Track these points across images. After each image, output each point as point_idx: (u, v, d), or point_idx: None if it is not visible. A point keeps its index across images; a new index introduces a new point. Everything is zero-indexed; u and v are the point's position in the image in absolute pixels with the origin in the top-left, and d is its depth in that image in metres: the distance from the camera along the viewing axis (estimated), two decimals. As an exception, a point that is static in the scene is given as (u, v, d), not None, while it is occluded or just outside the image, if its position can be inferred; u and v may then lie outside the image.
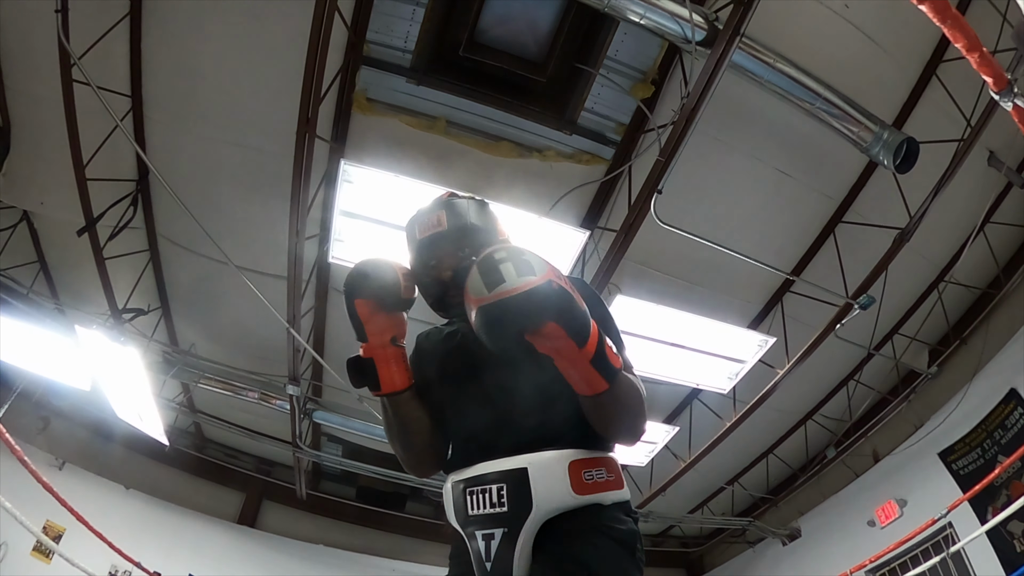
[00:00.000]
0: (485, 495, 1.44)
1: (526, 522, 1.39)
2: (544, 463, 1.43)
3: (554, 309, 1.19)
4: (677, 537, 11.55)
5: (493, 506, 1.43)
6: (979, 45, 2.30)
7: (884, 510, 7.80)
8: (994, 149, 5.94)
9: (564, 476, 1.42)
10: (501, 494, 1.42)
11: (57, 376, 7.05)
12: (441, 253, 1.65)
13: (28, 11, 5.05)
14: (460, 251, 1.64)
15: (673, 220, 4.99)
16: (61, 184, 5.70)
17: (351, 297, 1.54)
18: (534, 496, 1.40)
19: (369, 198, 4.95)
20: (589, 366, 1.28)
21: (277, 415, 7.60)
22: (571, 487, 1.42)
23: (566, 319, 1.21)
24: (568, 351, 1.25)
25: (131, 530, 7.60)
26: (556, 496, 1.41)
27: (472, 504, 1.46)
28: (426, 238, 1.67)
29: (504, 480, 1.43)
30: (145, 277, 6.84)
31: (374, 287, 1.53)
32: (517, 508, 1.40)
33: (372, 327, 1.55)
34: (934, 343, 7.66)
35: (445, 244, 1.65)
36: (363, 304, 1.53)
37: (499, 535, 1.40)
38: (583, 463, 1.46)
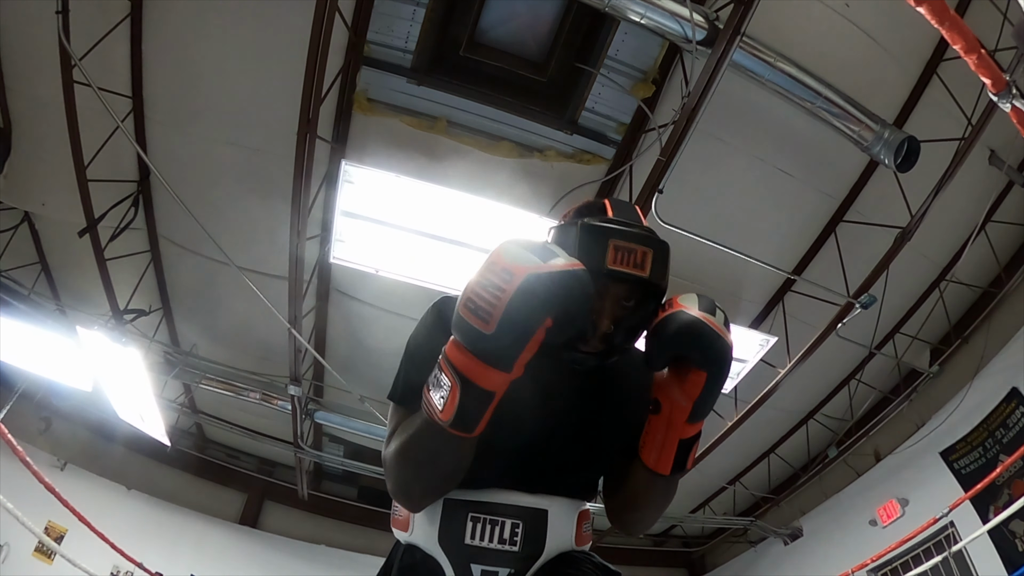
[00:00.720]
0: (495, 528, 1.30)
1: (534, 566, 1.30)
2: (562, 509, 1.37)
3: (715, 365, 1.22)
4: (679, 537, 11.55)
5: (503, 542, 1.29)
6: (978, 46, 2.30)
7: (886, 509, 7.79)
8: (995, 148, 5.93)
9: (572, 525, 1.38)
10: (516, 531, 1.30)
11: (59, 377, 7.06)
12: (619, 295, 1.27)
13: (29, 12, 5.05)
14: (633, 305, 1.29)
15: (674, 220, 4.98)
16: (62, 185, 5.70)
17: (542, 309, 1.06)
18: (548, 541, 1.32)
19: (370, 198, 4.95)
20: (676, 444, 1.27)
21: (278, 415, 7.60)
22: (574, 537, 1.38)
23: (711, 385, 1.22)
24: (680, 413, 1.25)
25: (133, 531, 7.62)
26: (562, 544, 1.35)
27: (474, 532, 1.29)
28: (618, 272, 1.23)
29: (522, 518, 1.31)
30: (146, 278, 6.85)
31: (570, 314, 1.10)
32: (529, 550, 1.30)
33: (526, 358, 1.11)
34: (935, 342, 7.65)
35: (629, 291, 1.28)
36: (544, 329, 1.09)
37: (504, 575, 1.28)
38: (585, 514, 1.44)
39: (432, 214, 4.97)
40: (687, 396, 1.23)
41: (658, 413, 1.28)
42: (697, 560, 11.64)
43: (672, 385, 1.25)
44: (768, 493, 9.54)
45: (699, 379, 1.22)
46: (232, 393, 7.37)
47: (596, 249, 1.23)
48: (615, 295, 1.27)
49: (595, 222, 1.27)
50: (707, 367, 1.21)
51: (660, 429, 1.28)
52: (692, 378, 1.22)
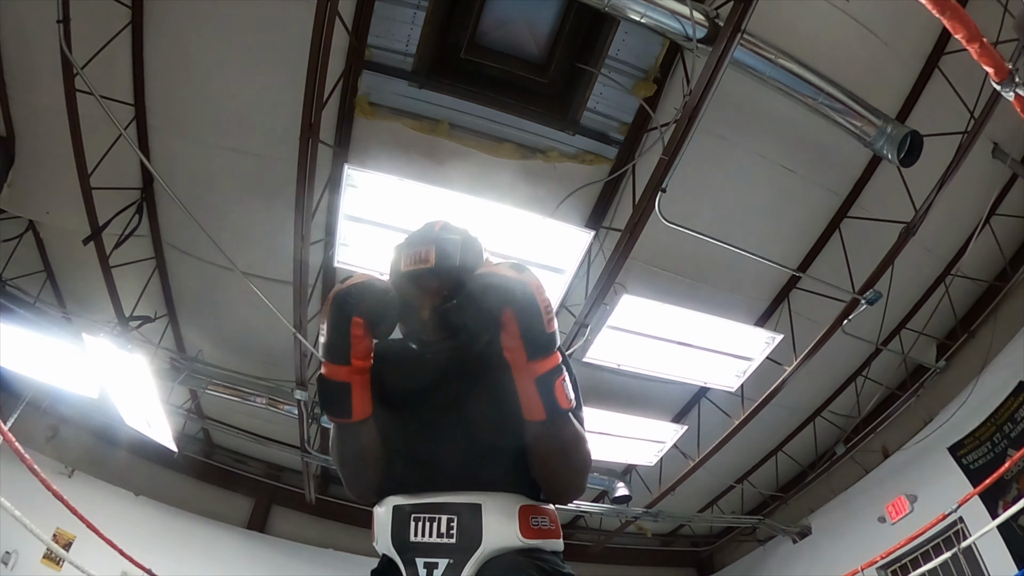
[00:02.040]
0: (433, 524, 1.44)
1: (473, 556, 1.40)
2: (497, 502, 1.46)
3: (517, 301, 1.33)
4: (687, 536, 11.53)
5: (441, 536, 1.43)
6: (979, 35, 2.29)
7: (894, 506, 7.77)
8: (998, 141, 5.92)
9: (514, 518, 1.46)
10: (451, 525, 1.43)
11: (65, 384, 7.08)
12: (423, 290, 1.53)
13: (30, 22, 5.08)
14: (442, 291, 1.52)
15: (678, 218, 4.98)
16: (66, 193, 5.72)
17: (349, 311, 1.40)
18: (484, 532, 1.42)
19: (373, 202, 4.96)
20: (533, 385, 1.37)
21: (285, 420, 7.61)
22: (519, 530, 1.45)
23: (524, 315, 1.33)
24: (517, 354, 1.37)
25: (141, 536, 7.62)
26: (504, 536, 1.43)
27: (417, 530, 1.45)
28: (411, 271, 1.53)
29: (456, 512, 1.44)
30: (151, 284, 6.86)
31: (376, 309, 1.42)
32: (465, 541, 1.41)
33: (359, 350, 1.42)
34: (942, 337, 7.63)
35: (428, 282, 1.53)
36: (359, 324, 1.41)
37: (443, 565, 1.40)
38: (531, 509, 1.50)
39: (435, 217, 4.95)
40: (512, 336, 1.35)
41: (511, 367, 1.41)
42: (706, 559, 11.64)
43: (503, 339, 1.37)
44: (776, 491, 9.53)
45: (508, 317, 1.34)
46: (238, 398, 7.37)
47: (395, 262, 1.60)
48: (426, 290, 1.52)
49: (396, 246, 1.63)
50: (506, 302, 1.33)
51: (518, 380, 1.40)
52: (504, 319, 1.34)
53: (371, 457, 1.55)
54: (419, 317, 1.53)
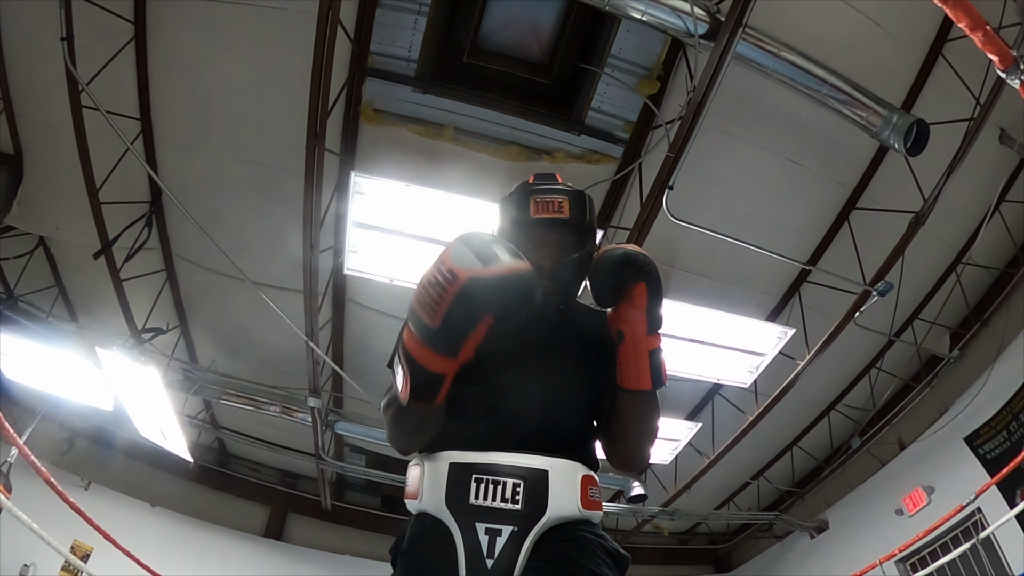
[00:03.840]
0: (497, 487, 1.36)
1: (537, 524, 1.35)
2: (564, 470, 1.42)
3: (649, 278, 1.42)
4: (704, 534, 11.49)
5: (505, 501, 1.35)
6: (983, 23, 2.28)
7: (912, 498, 7.72)
8: (1005, 126, 5.88)
9: (576, 488, 1.42)
10: (517, 491, 1.36)
11: (80, 398, 7.12)
12: (552, 240, 1.53)
13: (34, 40, 5.12)
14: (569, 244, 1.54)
15: (686, 215, 4.97)
16: (75, 209, 5.76)
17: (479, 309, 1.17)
18: (550, 501, 1.37)
19: (381, 208, 4.97)
20: (647, 356, 1.45)
21: (299, 428, 7.62)
22: (580, 500, 1.42)
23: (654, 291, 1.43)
24: (639, 327, 1.44)
25: (158, 547, 7.64)
26: (567, 505, 1.39)
27: (478, 493, 1.36)
28: (543, 219, 1.52)
29: (524, 477, 1.37)
30: (163, 297, 6.89)
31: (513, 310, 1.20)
32: (530, 509, 1.36)
33: (470, 346, 1.22)
34: (955, 326, 7.59)
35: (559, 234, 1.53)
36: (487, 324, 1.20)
37: (507, 532, 1.33)
38: (590, 479, 1.48)
39: (443, 221, 4.98)
40: (638, 309, 1.43)
41: (623, 340, 1.47)
42: (723, 557, 11.58)
43: (624, 309, 1.45)
44: (792, 487, 9.49)
45: (641, 290, 1.42)
46: (252, 407, 7.40)
47: (521, 207, 1.55)
48: (551, 240, 1.53)
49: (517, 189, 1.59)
50: (643, 277, 1.42)
51: (630, 351, 1.46)
52: (636, 292, 1.42)
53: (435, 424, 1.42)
54: (539, 265, 1.44)
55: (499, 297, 1.16)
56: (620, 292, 1.44)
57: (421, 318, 1.18)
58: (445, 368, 1.24)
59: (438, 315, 1.16)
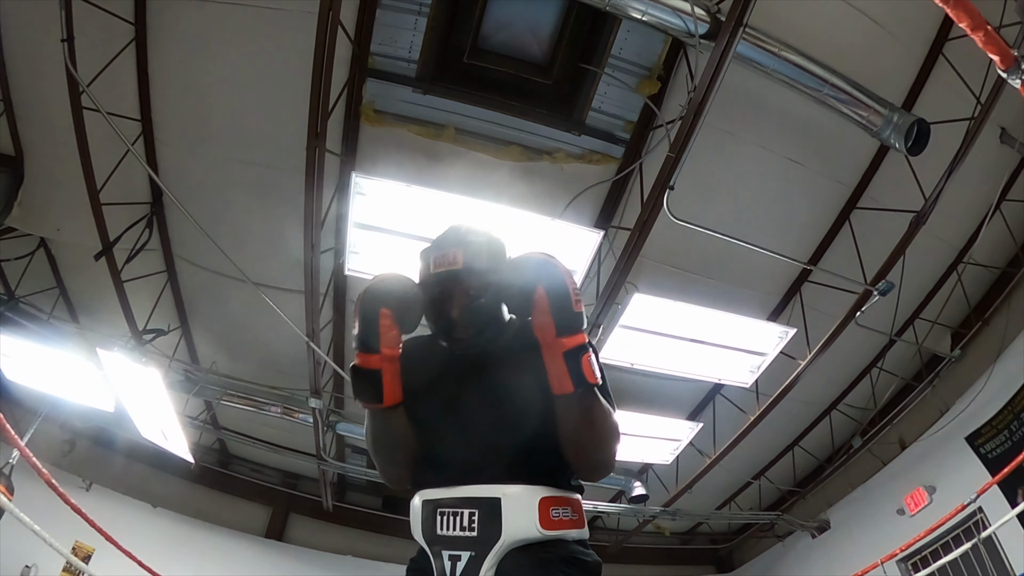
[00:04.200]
0: (456, 518, 1.51)
1: (493, 548, 1.46)
2: (517, 495, 1.51)
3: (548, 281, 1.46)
4: (705, 534, 11.49)
5: (463, 529, 1.50)
6: (984, 23, 2.28)
7: (913, 498, 7.72)
8: (1005, 126, 5.88)
9: (533, 511, 1.50)
10: (472, 519, 1.50)
11: (81, 399, 7.12)
12: (452, 290, 1.62)
13: (35, 41, 5.13)
14: (470, 290, 1.61)
15: (686, 215, 4.97)
16: (76, 210, 5.76)
17: (377, 304, 1.55)
18: (504, 526, 1.47)
19: (382, 209, 4.97)
20: (561, 358, 1.45)
21: (300, 428, 7.63)
22: (539, 522, 1.49)
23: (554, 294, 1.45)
24: (547, 330, 1.46)
25: (160, 548, 7.64)
26: (524, 528, 1.48)
27: (441, 524, 1.53)
28: (441, 272, 1.62)
29: (477, 507, 1.50)
30: (164, 297, 6.89)
31: (401, 301, 1.57)
32: (486, 534, 1.47)
33: (387, 339, 1.55)
34: (956, 326, 7.59)
35: (457, 283, 1.61)
36: (387, 315, 1.55)
37: (466, 557, 1.47)
38: (552, 500, 1.53)
39: (445, 222, 4.95)
40: (543, 313, 1.46)
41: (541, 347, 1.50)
42: (725, 557, 11.59)
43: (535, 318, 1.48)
44: (794, 486, 9.49)
45: (540, 294, 1.46)
46: (253, 408, 7.40)
47: (423, 265, 1.67)
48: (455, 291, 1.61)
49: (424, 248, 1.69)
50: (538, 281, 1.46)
51: (547, 357, 1.48)
52: (536, 297, 1.46)
53: (402, 441, 1.65)
54: (449, 316, 1.61)
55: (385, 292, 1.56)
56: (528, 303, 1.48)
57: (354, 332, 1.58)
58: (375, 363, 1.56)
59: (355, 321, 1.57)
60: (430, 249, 1.68)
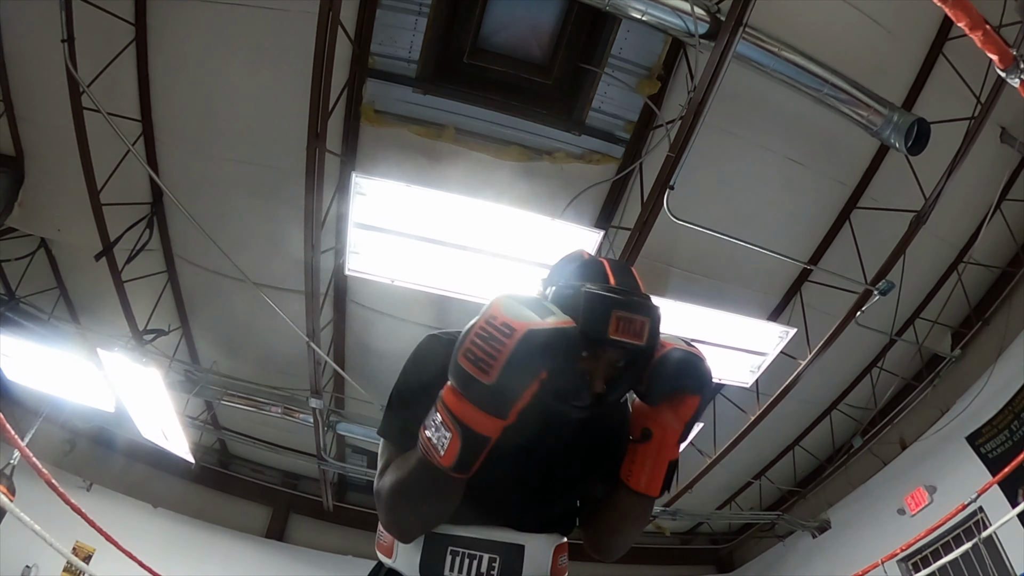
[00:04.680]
0: (473, 561, 1.37)
1: None
2: (538, 544, 1.43)
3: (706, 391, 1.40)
4: (706, 534, 11.48)
5: (480, 575, 1.37)
6: (982, 22, 2.27)
7: (913, 497, 7.71)
8: (1006, 125, 5.88)
9: (548, 559, 1.44)
10: (492, 566, 1.37)
11: (81, 399, 7.14)
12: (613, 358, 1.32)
13: (35, 42, 5.13)
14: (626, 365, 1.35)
15: (687, 215, 4.97)
16: (77, 210, 5.76)
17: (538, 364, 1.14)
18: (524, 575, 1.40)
19: (382, 209, 4.96)
20: (666, 465, 1.40)
21: (301, 429, 7.63)
22: (549, 570, 1.44)
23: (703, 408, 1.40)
24: (672, 435, 1.39)
25: (160, 548, 7.66)
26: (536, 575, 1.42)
27: (453, 565, 1.37)
28: (621, 342, 1.27)
29: (499, 552, 1.39)
30: (164, 298, 6.89)
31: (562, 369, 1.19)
32: None
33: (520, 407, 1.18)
34: (956, 325, 7.58)
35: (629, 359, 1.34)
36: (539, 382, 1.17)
37: None
38: (561, 548, 1.50)
39: (445, 221, 4.97)
40: (680, 419, 1.39)
41: (649, 440, 1.40)
42: (725, 557, 11.57)
43: (664, 412, 1.39)
44: (794, 486, 9.49)
45: (693, 403, 1.39)
46: (254, 408, 7.41)
47: (600, 318, 1.26)
48: (610, 358, 1.32)
49: (598, 291, 1.29)
50: (700, 391, 1.39)
51: (651, 454, 1.40)
52: (687, 403, 1.38)
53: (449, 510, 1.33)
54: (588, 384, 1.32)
55: (556, 351, 1.14)
56: (668, 396, 1.37)
57: (472, 375, 1.13)
58: (494, 430, 1.17)
59: (494, 371, 1.12)
60: (611, 300, 1.28)
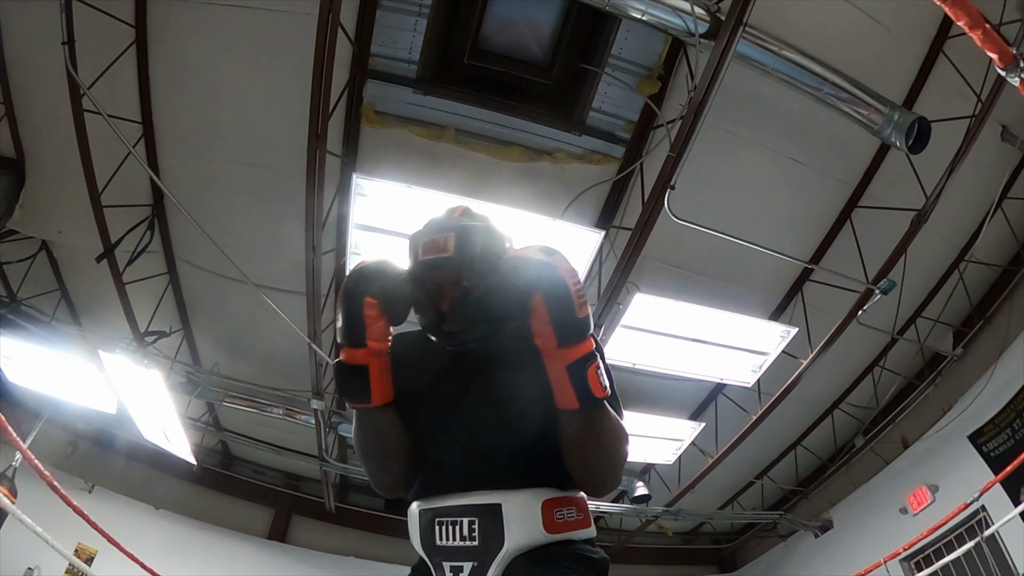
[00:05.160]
0: (455, 527, 1.43)
1: (496, 557, 1.39)
2: (518, 501, 1.43)
3: (548, 285, 1.30)
4: (708, 534, 11.49)
5: (463, 539, 1.42)
6: (982, 21, 2.28)
7: (916, 497, 7.71)
8: (1006, 123, 5.87)
9: (537, 514, 1.42)
10: (472, 527, 1.42)
11: (83, 401, 7.14)
12: (442, 280, 1.43)
13: (36, 44, 5.13)
14: (462, 281, 1.42)
15: (688, 215, 4.96)
16: (78, 212, 5.77)
17: (359, 294, 1.40)
18: (506, 533, 1.40)
19: (383, 210, 4.96)
20: (564, 372, 1.32)
21: (303, 430, 7.63)
22: (543, 526, 1.42)
23: (554, 300, 1.29)
24: (548, 340, 1.31)
25: (162, 550, 7.65)
26: (528, 533, 1.40)
27: (440, 535, 1.45)
28: (429, 260, 1.43)
29: (476, 514, 1.42)
30: (165, 299, 6.90)
31: (387, 290, 1.42)
32: (488, 543, 1.40)
33: (374, 332, 1.41)
34: (958, 324, 7.58)
35: (448, 272, 1.43)
36: (371, 305, 1.40)
37: (468, 568, 1.40)
38: (555, 502, 1.46)
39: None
40: (541, 322, 1.31)
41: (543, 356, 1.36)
42: (728, 556, 11.58)
43: (533, 325, 1.33)
44: (796, 486, 9.48)
45: (538, 301, 1.30)
46: (255, 410, 7.40)
47: (411, 251, 1.48)
48: (445, 280, 1.43)
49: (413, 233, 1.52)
50: (535, 286, 1.30)
51: (551, 369, 1.34)
52: (534, 304, 1.30)
53: (395, 446, 1.52)
54: (438, 308, 1.44)
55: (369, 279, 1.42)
56: (526, 308, 1.33)
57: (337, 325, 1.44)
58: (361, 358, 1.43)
59: (339, 313, 1.43)
60: (420, 233, 1.49)
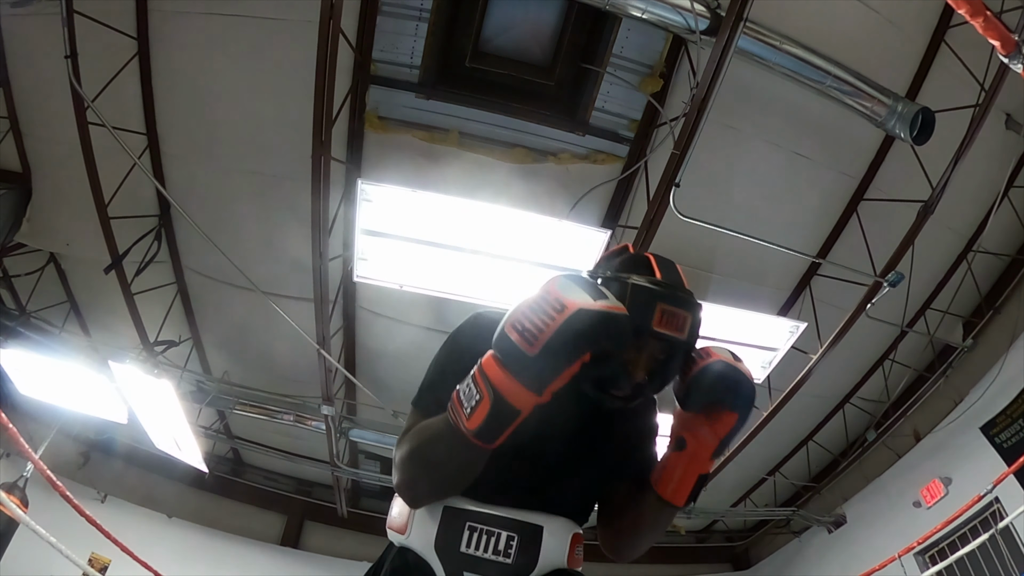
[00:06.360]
0: (491, 538, 1.35)
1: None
2: (557, 528, 1.41)
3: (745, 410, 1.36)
4: (721, 532, 11.44)
5: (497, 553, 1.34)
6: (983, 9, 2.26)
7: (929, 490, 7.66)
8: (1011, 111, 5.84)
9: (565, 546, 1.42)
10: (510, 544, 1.35)
11: (94, 411, 7.15)
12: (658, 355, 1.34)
13: (39, 59, 5.16)
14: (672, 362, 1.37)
15: (693, 212, 4.96)
16: (85, 224, 5.80)
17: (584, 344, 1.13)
18: (541, 557, 1.36)
19: (389, 215, 4.97)
20: (695, 478, 1.39)
21: (314, 436, 7.65)
22: (566, 558, 1.42)
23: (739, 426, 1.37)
24: (706, 449, 1.37)
25: (176, 558, 7.69)
26: (552, 562, 1.39)
27: (469, 541, 1.34)
28: (663, 335, 1.29)
29: (518, 531, 1.36)
30: (174, 309, 6.93)
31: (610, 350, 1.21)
32: (521, 563, 1.35)
33: (557, 386, 1.16)
34: (967, 315, 7.53)
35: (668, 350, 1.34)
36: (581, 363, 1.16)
37: None
38: (578, 538, 1.48)
39: (451, 226, 4.98)
40: (716, 435, 1.36)
41: (682, 450, 1.39)
42: (741, 554, 11.52)
43: (701, 425, 1.37)
44: (809, 481, 9.44)
45: (731, 420, 1.35)
46: (266, 417, 7.43)
47: (645, 310, 1.28)
48: (652, 350, 1.33)
49: (645, 283, 1.32)
50: (740, 409, 1.35)
51: (682, 464, 1.39)
52: (724, 419, 1.35)
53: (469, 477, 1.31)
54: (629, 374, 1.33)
55: (602, 334, 1.13)
56: (707, 408, 1.35)
57: (517, 345, 1.12)
58: (525, 404, 1.15)
59: (539, 343, 1.10)
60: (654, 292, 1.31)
